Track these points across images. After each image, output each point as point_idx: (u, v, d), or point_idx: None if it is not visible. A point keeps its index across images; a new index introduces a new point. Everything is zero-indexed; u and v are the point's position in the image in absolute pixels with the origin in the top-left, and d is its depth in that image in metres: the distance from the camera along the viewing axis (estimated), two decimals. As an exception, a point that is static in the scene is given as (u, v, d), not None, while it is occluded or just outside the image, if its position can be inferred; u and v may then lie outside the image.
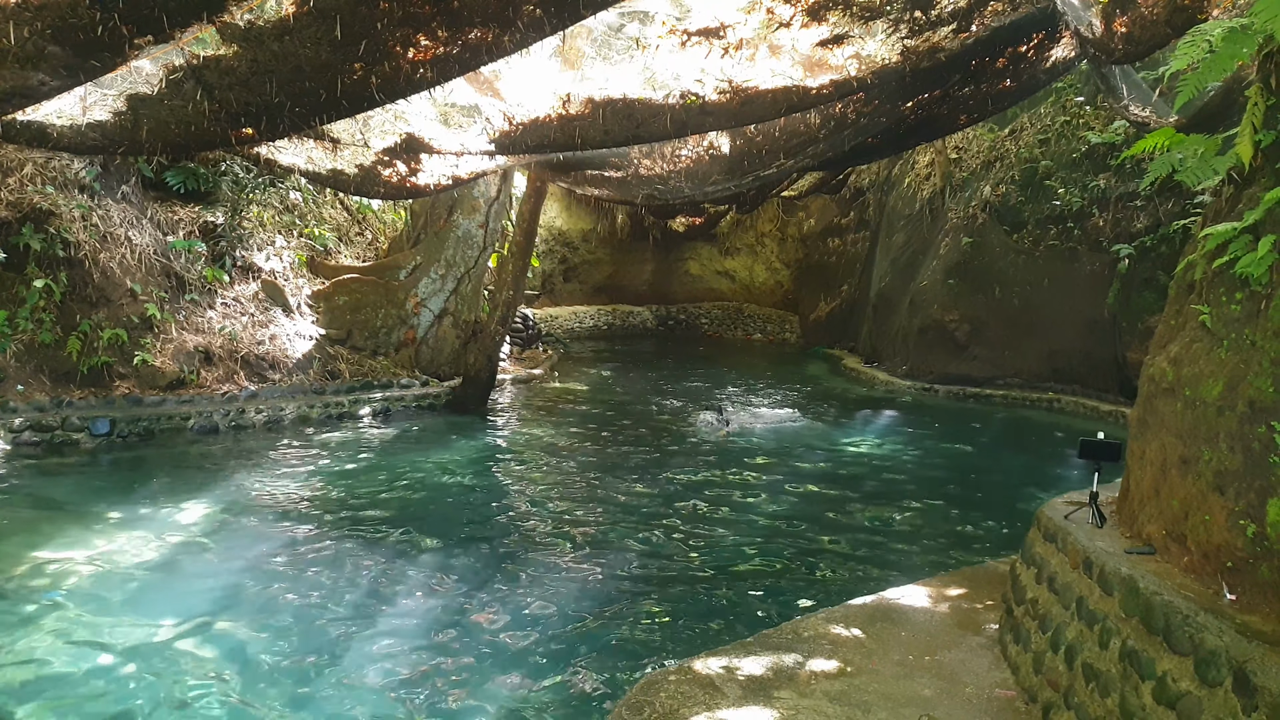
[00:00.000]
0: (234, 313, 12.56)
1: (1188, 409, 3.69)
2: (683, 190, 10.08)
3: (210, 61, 4.67)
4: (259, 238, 13.55)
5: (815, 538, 8.04)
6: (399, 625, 5.89)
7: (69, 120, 5.42)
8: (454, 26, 4.52)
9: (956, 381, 16.55)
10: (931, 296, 17.21)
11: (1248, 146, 3.65)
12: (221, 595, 6.22)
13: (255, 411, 11.65)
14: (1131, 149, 4.90)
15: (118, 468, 9.64)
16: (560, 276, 26.99)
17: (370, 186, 8.20)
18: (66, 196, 11.19)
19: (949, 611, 5.43)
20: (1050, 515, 4.72)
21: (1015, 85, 8.63)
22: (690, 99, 6.72)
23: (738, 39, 6.51)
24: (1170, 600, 3.28)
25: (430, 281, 14.58)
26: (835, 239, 24.52)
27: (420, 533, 7.76)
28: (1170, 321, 4.17)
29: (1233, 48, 3.79)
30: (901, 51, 6.70)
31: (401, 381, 13.70)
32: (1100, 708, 3.50)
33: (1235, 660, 2.85)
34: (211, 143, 5.81)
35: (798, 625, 5.10)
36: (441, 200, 14.49)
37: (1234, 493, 3.33)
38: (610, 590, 6.63)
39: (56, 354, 10.65)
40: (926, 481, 10.32)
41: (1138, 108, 9.26)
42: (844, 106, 7.99)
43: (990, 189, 16.88)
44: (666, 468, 10.42)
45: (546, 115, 7.08)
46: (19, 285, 10.54)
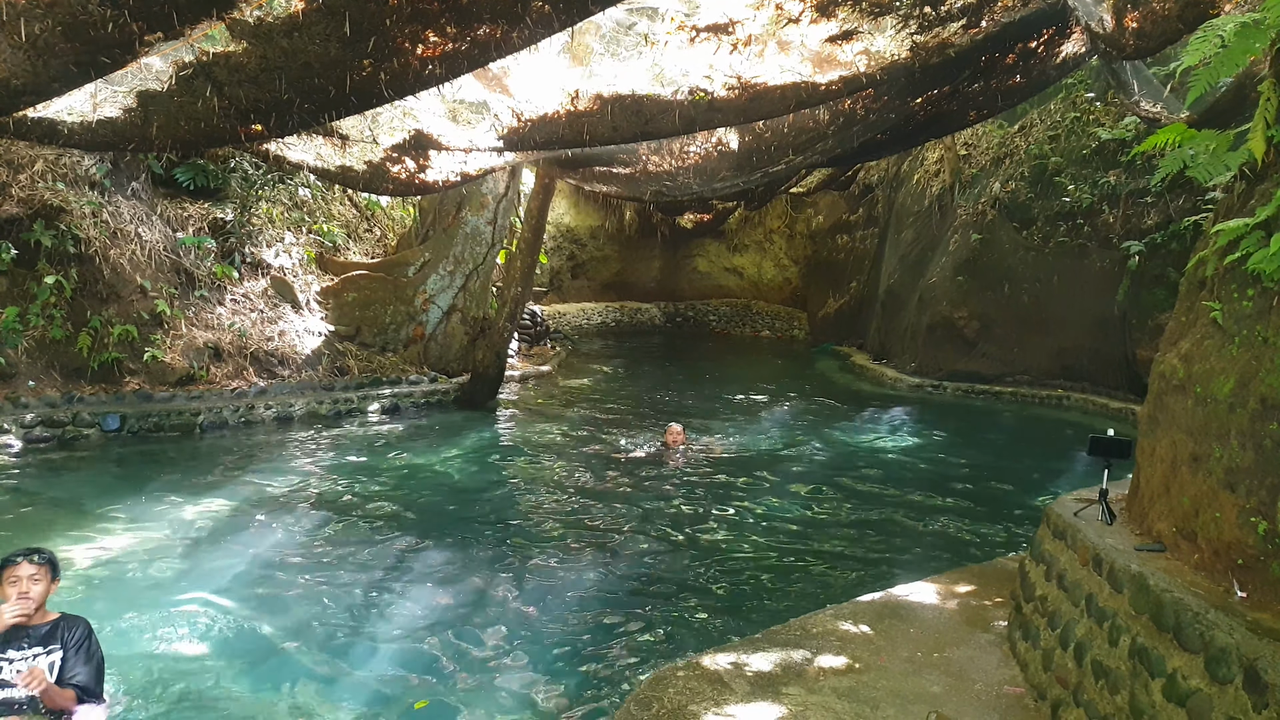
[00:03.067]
0: (243, 309, 12.60)
1: (1198, 406, 3.67)
2: (691, 187, 10.07)
3: (220, 58, 4.68)
4: (268, 234, 13.59)
5: (823, 534, 8.03)
6: (407, 617, 5.91)
7: (79, 117, 5.43)
8: (463, 23, 4.51)
9: (965, 379, 16.50)
10: (940, 293, 17.16)
11: (1260, 142, 3.63)
12: (232, 588, 6.25)
13: (264, 407, 11.69)
14: (1143, 145, 4.89)
15: (128, 463, 9.69)
16: (568, 273, 27.00)
17: (379, 183, 8.20)
18: (77, 193, 11.23)
19: (957, 608, 5.42)
20: (1059, 512, 4.70)
21: (1025, 81, 8.59)
22: (699, 95, 6.71)
23: (746, 35, 6.50)
24: (1180, 597, 3.27)
25: (439, 278, 14.61)
26: (844, 236, 24.46)
27: (429, 528, 7.78)
28: (1181, 318, 4.15)
29: (1245, 43, 3.78)
30: (911, 47, 6.68)
31: (410, 378, 13.73)
32: (1109, 705, 3.50)
33: (1246, 658, 2.83)
34: (221, 139, 5.82)
35: (806, 622, 5.10)
36: (450, 197, 14.50)
37: (1245, 490, 3.31)
38: (618, 586, 6.64)
39: (67, 350, 10.71)
40: (935, 478, 10.30)
41: (1149, 104, 9.22)
42: (853, 103, 7.97)
43: (999, 185, 16.81)
44: (674, 465, 10.41)
45: (555, 112, 7.08)
46: (30, 281, 10.59)
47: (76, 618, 4.24)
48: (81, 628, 4.18)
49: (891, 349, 18.96)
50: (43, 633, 4.09)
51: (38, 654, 4.02)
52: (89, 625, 4.23)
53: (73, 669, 4.06)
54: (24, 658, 3.98)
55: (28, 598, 4.01)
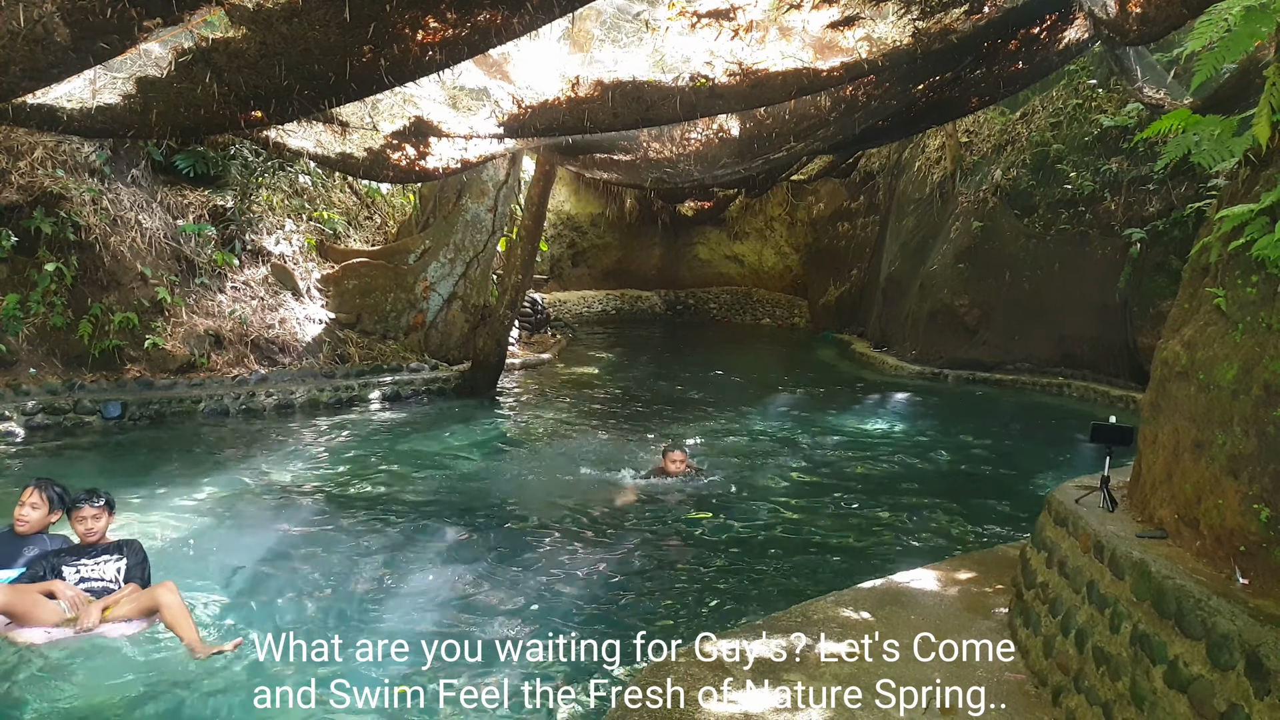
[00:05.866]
0: (244, 296, 12.59)
1: (1201, 393, 3.67)
2: (692, 174, 10.04)
3: (219, 44, 4.66)
4: (268, 221, 13.56)
5: (823, 521, 8.04)
6: (406, 604, 5.92)
7: (79, 103, 5.41)
8: (463, 9, 4.49)
9: (966, 366, 16.50)
10: (941, 281, 17.13)
11: (1265, 127, 3.61)
12: (232, 575, 6.26)
13: (265, 395, 11.70)
14: (1146, 131, 4.86)
15: (130, 450, 9.70)
16: (569, 261, 26.97)
17: (379, 170, 8.18)
18: (77, 180, 11.21)
19: (958, 595, 5.43)
20: (1061, 499, 4.70)
21: (1027, 68, 8.55)
22: (700, 81, 6.68)
23: (748, 21, 6.46)
24: (1182, 584, 3.27)
25: (439, 265, 14.58)
26: (845, 223, 24.41)
27: (429, 515, 7.79)
28: (1184, 305, 4.14)
29: (1251, 27, 3.75)
30: (913, 33, 6.64)
31: (411, 365, 13.72)
32: (1111, 691, 3.50)
33: (1248, 644, 2.84)
34: (221, 126, 5.79)
35: (807, 608, 5.10)
36: (450, 184, 14.46)
37: (1248, 477, 3.31)
38: (618, 572, 6.65)
39: (68, 337, 10.70)
40: (936, 465, 10.30)
41: (1152, 90, 9.20)
42: (854, 89, 7.93)
43: (1001, 173, 16.77)
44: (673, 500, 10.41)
45: (555, 98, 7.05)
46: (30, 269, 10.58)
47: (132, 539, 5.71)
48: (138, 545, 5.63)
49: (892, 337, 18.95)
50: (108, 547, 5.51)
51: (106, 560, 5.42)
52: (141, 546, 5.67)
53: (134, 572, 5.45)
54: (96, 563, 5.40)
55: (93, 532, 5.46)
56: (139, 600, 5.19)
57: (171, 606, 5.13)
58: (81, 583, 5.28)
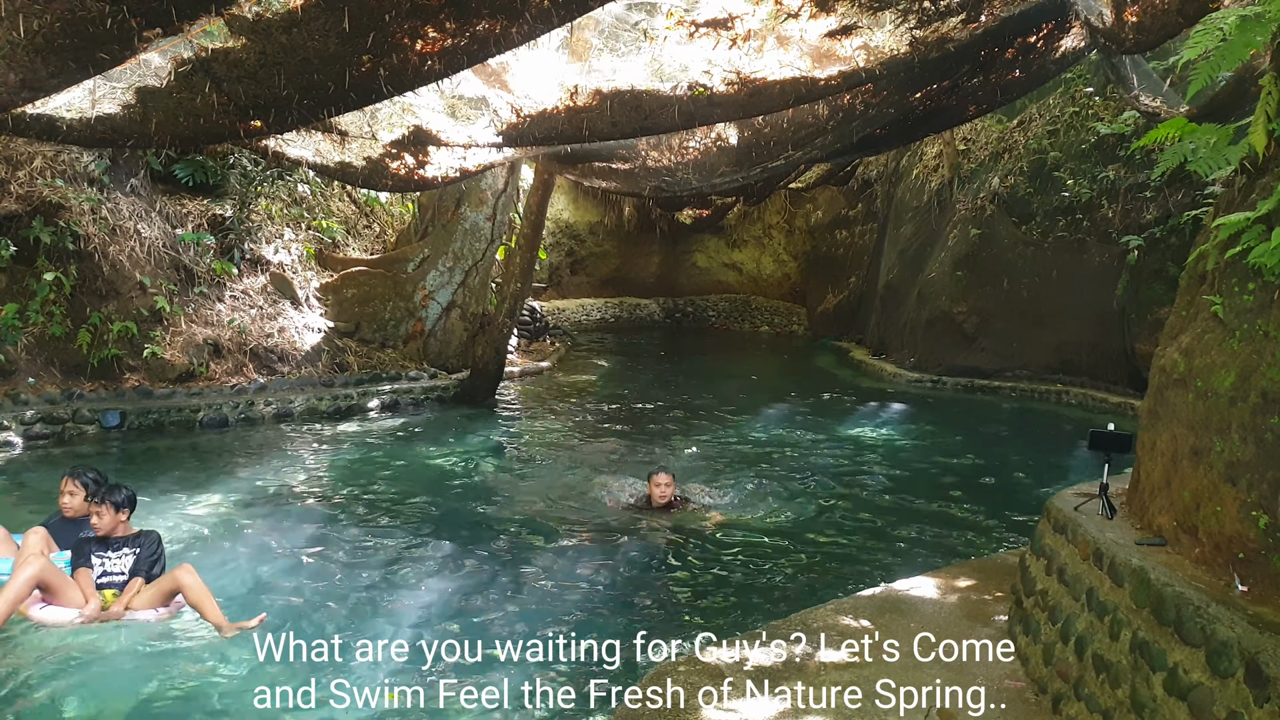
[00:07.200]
0: (243, 305, 12.59)
1: (1199, 400, 3.67)
2: (690, 182, 10.05)
3: (219, 54, 4.67)
4: (267, 230, 13.57)
5: (823, 528, 8.03)
6: (404, 612, 5.92)
7: (78, 113, 5.43)
8: (462, 18, 4.51)
9: (964, 373, 16.50)
10: (939, 288, 17.15)
11: (1261, 136, 3.62)
12: (231, 584, 6.25)
13: (264, 404, 11.69)
14: (1143, 139, 4.87)
15: (129, 460, 9.69)
16: (567, 269, 26.97)
17: (378, 179, 8.20)
18: (76, 190, 11.22)
19: (958, 603, 5.43)
20: (1060, 507, 4.70)
21: (1024, 76, 8.58)
22: (698, 90, 6.70)
23: (745, 30, 6.49)
24: (1181, 591, 3.27)
25: (438, 274, 14.59)
26: (843, 231, 24.45)
27: (429, 523, 7.78)
28: (1182, 312, 4.15)
29: (1246, 36, 3.77)
30: (910, 42, 6.67)
31: (409, 374, 13.72)
32: (1110, 699, 3.50)
33: (1247, 651, 2.84)
34: (220, 135, 5.82)
35: (806, 616, 5.10)
36: (449, 193, 14.47)
37: (1246, 484, 3.31)
38: (617, 578, 6.64)
39: (67, 346, 10.70)
40: (935, 473, 10.30)
41: (1148, 98, 9.22)
42: (852, 98, 7.96)
43: (998, 180, 16.80)
44: (673, 460, 10.42)
45: (554, 107, 7.07)
46: (29, 278, 10.58)
47: (151, 531, 5.88)
48: (154, 539, 5.79)
49: (891, 344, 18.96)
50: (127, 539, 5.71)
51: (124, 554, 5.63)
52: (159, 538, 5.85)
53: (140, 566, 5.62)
54: (117, 556, 5.61)
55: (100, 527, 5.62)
56: (159, 585, 5.46)
57: (193, 587, 5.37)
58: (103, 575, 5.58)
